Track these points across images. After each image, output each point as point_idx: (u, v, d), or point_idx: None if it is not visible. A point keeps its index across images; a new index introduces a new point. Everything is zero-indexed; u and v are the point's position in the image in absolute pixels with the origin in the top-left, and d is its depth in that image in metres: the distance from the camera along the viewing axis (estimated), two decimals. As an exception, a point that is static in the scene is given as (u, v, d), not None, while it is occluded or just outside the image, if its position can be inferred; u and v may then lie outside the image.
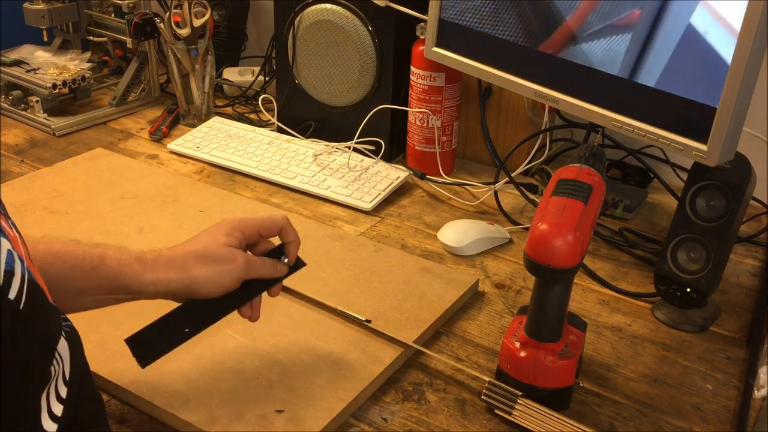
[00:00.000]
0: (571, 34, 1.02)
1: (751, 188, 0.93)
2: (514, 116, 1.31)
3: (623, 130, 0.98)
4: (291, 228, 0.79)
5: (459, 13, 1.14)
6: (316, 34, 1.33)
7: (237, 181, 1.29)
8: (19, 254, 0.50)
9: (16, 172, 1.29)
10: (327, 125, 1.40)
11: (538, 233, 0.73)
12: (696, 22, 0.89)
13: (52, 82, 1.45)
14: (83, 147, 1.39)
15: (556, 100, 1.05)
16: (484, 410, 0.82)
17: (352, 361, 0.85)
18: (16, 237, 0.54)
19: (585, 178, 0.78)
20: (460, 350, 0.91)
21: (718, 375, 0.88)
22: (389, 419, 0.80)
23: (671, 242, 0.96)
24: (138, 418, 0.79)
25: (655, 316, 0.98)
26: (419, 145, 1.31)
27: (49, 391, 0.52)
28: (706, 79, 0.89)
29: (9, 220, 0.55)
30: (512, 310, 0.98)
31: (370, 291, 0.97)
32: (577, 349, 0.82)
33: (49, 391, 0.52)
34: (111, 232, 1.08)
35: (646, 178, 1.29)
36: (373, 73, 1.31)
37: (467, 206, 1.23)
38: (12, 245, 0.49)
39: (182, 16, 1.40)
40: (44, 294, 0.53)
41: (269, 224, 0.78)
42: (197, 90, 1.46)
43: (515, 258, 1.10)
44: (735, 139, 0.90)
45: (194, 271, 0.72)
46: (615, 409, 0.83)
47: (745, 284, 1.06)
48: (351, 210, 1.21)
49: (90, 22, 1.59)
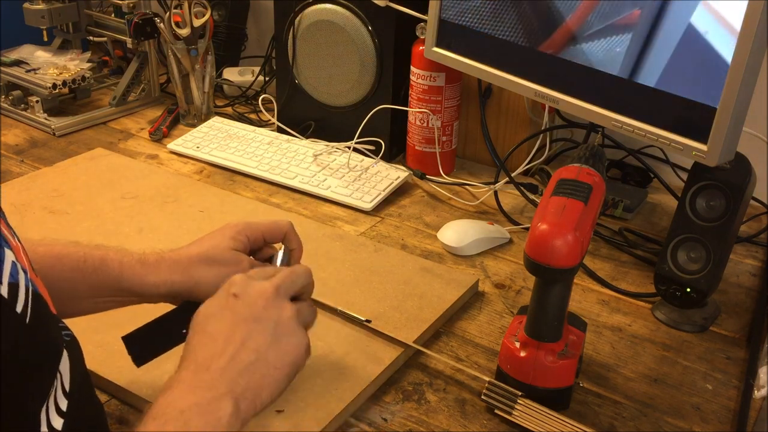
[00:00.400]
0: (571, 34, 1.02)
1: (751, 188, 0.93)
2: (514, 116, 1.31)
3: (623, 130, 0.98)
4: (295, 235, 0.78)
5: (459, 13, 1.14)
6: (316, 34, 1.33)
7: (237, 181, 1.29)
8: (22, 265, 0.50)
9: (16, 172, 1.29)
10: (327, 125, 1.40)
11: (538, 233, 0.73)
12: (696, 22, 0.89)
13: (52, 82, 1.45)
14: (83, 147, 1.39)
15: (556, 100, 1.05)
16: (484, 410, 0.82)
17: (352, 361, 0.85)
18: (19, 246, 0.53)
19: (585, 178, 0.78)
20: (460, 350, 0.91)
21: (718, 375, 0.88)
22: (389, 419, 0.80)
23: (671, 242, 0.96)
24: (138, 418, 0.79)
25: (655, 316, 0.98)
26: (419, 145, 1.31)
27: (48, 405, 0.51)
28: (706, 79, 0.89)
29: (10, 228, 0.54)
30: (512, 310, 0.98)
31: (370, 291, 0.97)
32: (577, 349, 0.82)
33: (48, 405, 0.51)
34: (111, 233, 1.08)
35: (646, 178, 1.29)
36: (373, 73, 1.31)
37: (467, 206, 1.23)
38: (15, 256, 0.49)
39: (182, 16, 1.40)
40: (47, 305, 0.53)
41: (274, 230, 0.77)
42: (197, 90, 1.46)
43: (515, 258, 1.10)
44: (735, 139, 0.90)
45: (198, 274, 0.72)
46: (615, 409, 0.83)
47: (745, 284, 1.06)
48: (351, 210, 1.21)
49: (90, 22, 1.60)
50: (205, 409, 0.56)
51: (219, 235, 0.75)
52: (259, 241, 0.77)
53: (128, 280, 0.71)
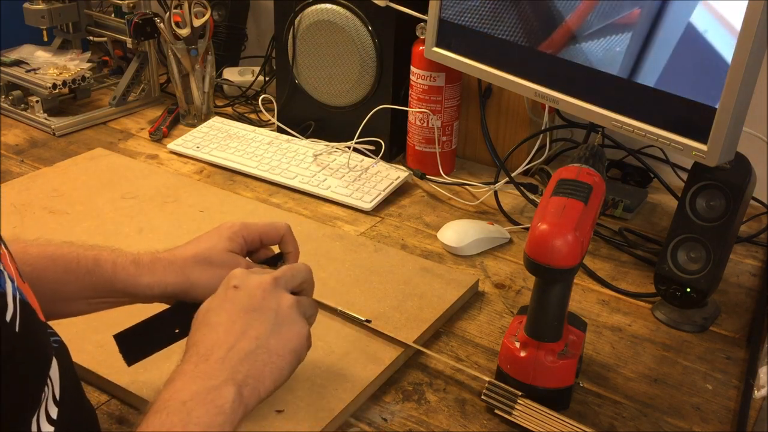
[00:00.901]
0: (571, 34, 1.02)
1: (751, 188, 0.93)
2: (514, 116, 1.31)
3: (623, 130, 0.98)
4: (292, 238, 0.77)
5: (459, 13, 1.14)
6: (316, 34, 1.33)
7: (237, 181, 1.29)
8: (9, 273, 0.49)
9: (16, 172, 1.29)
10: (327, 125, 1.40)
11: (538, 233, 0.73)
12: (696, 21, 0.89)
13: (52, 82, 1.45)
14: (83, 147, 1.39)
15: (556, 100, 1.05)
16: (484, 410, 0.82)
17: (352, 361, 0.85)
18: (6, 254, 0.53)
19: (585, 178, 0.78)
20: (460, 350, 0.91)
21: (718, 375, 0.88)
22: (389, 419, 0.80)
23: (671, 242, 0.96)
24: (138, 418, 0.79)
25: (655, 316, 0.98)
26: (419, 145, 1.31)
27: (39, 414, 0.51)
28: (706, 79, 0.89)
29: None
30: (512, 310, 0.98)
31: (370, 291, 0.97)
32: (577, 349, 0.82)
33: (39, 413, 0.51)
34: (111, 232, 1.08)
35: (646, 178, 1.29)
36: (373, 73, 1.31)
37: (467, 206, 1.23)
38: (2, 264, 0.48)
39: (182, 16, 1.40)
40: (35, 313, 0.52)
41: (271, 232, 0.77)
42: (197, 90, 1.46)
43: (515, 258, 1.10)
44: (735, 139, 0.90)
45: (193, 275, 0.71)
46: (615, 409, 0.83)
47: (745, 284, 1.06)
48: (351, 210, 1.21)
49: (90, 22, 1.60)
50: (206, 398, 0.56)
51: (215, 235, 0.74)
52: (255, 242, 0.77)
53: (122, 281, 0.70)
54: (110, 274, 0.70)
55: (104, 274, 0.70)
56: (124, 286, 0.70)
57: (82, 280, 0.70)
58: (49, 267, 0.69)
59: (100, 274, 0.70)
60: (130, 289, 0.71)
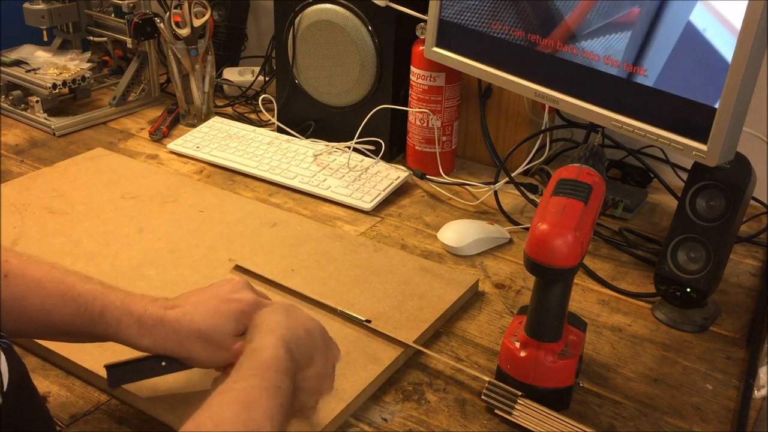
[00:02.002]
0: (571, 33, 1.02)
1: (751, 188, 0.93)
2: (514, 116, 1.31)
3: (623, 130, 0.98)
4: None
5: (459, 13, 1.14)
6: (316, 34, 1.33)
7: (237, 181, 1.29)
8: None
9: (16, 172, 1.29)
10: (327, 125, 1.40)
11: (538, 233, 0.73)
12: (695, 20, 0.89)
13: (52, 82, 1.45)
14: (83, 147, 1.39)
15: (556, 100, 1.05)
16: (484, 410, 0.82)
17: (352, 361, 0.85)
18: None
19: (585, 178, 0.78)
20: (460, 350, 0.91)
21: (718, 375, 0.88)
22: (389, 419, 0.80)
23: (671, 242, 0.96)
24: (138, 418, 0.79)
25: (655, 316, 0.98)
26: (419, 145, 1.31)
27: None
28: (706, 78, 0.89)
29: None
30: (512, 310, 0.98)
31: (370, 291, 0.97)
32: (577, 349, 0.82)
33: None
34: (111, 232, 1.08)
35: (646, 178, 1.29)
36: (373, 73, 1.31)
37: (467, 206, 1.23)
38: None
39: (182, 16, 1.40)
40: None
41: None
42: (197, 90, 1.46)
43: (515, 258, 1.10)
44: (735, 139, 0.90)
45: (193, 350, 0.72)
46: (615, 409, 0.83)
47: (745, 284, 1.06)
48: (351, 210, 1.21)
49: (90, 22, 1.59)
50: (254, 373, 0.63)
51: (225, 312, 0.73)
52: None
53: (123, 338, 0.72)
54: (113, 329, 0.71)
55: (108, 328, 0.71)
56: (123, 341, 0.72)
57: (85, 326, 0.71)
58: (58, 304, 0.71)
59: (103, 328, 0.71)
60: (130, 345, 0.72)
